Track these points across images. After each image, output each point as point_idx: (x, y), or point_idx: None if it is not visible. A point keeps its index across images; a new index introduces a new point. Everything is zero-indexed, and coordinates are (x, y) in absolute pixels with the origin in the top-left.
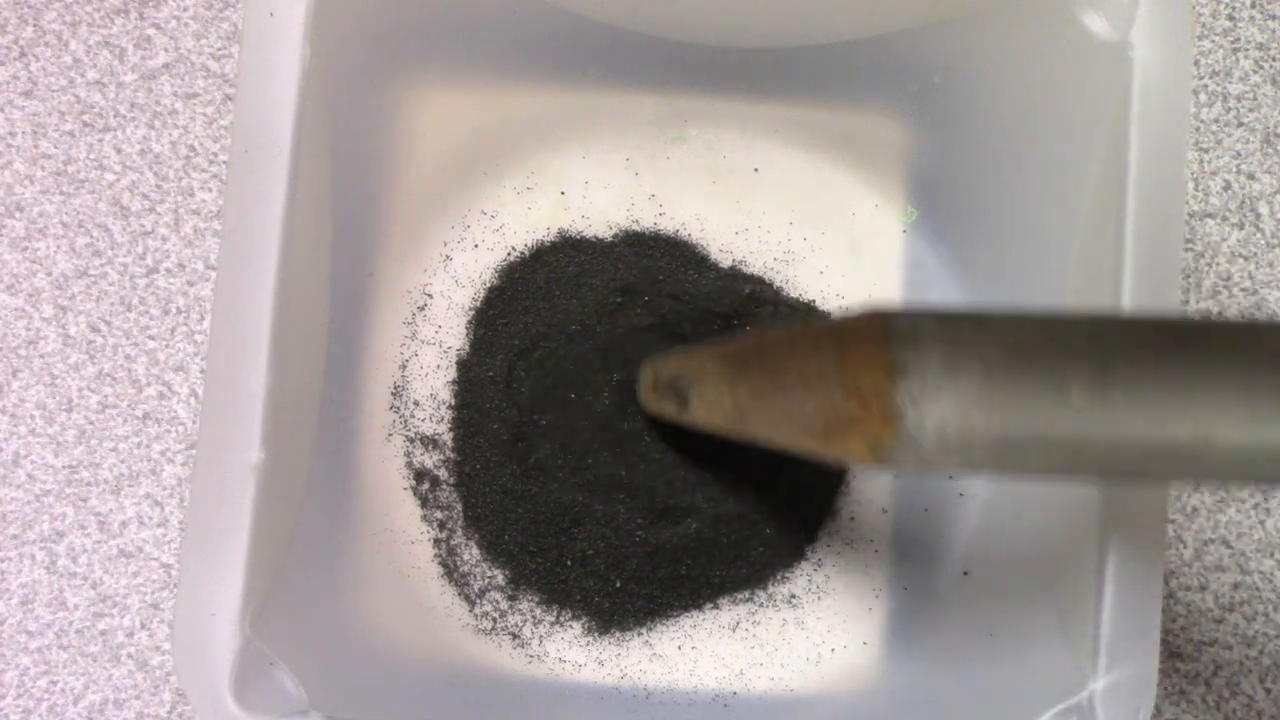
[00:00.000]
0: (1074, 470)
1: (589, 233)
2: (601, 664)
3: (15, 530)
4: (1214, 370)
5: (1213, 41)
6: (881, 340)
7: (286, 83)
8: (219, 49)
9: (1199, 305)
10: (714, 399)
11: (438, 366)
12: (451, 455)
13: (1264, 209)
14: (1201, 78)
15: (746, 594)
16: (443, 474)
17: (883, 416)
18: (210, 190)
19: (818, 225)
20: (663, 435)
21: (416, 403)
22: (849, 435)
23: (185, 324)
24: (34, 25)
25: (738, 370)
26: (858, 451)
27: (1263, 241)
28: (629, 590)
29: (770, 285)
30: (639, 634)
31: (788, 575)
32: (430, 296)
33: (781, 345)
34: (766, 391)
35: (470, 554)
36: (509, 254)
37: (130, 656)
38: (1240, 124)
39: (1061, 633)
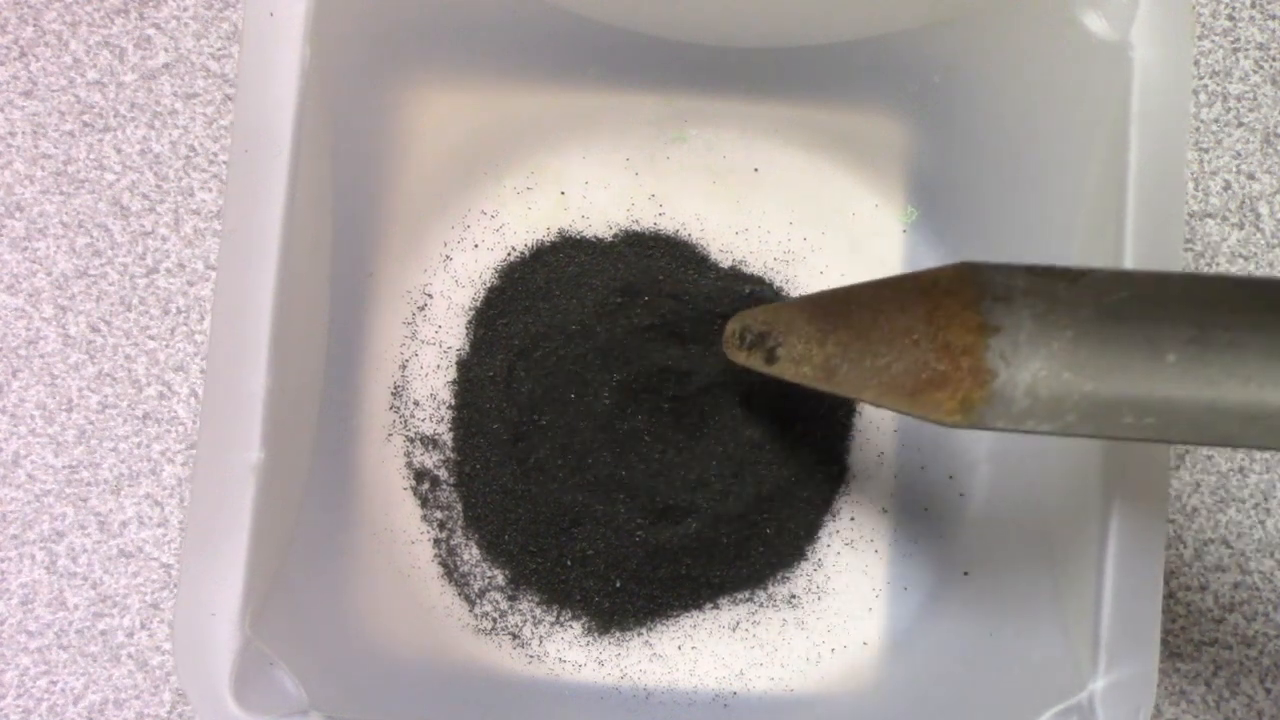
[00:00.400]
0: (1167, 434)
1: (589, 233)
2: (601, 664)
3: (15, 530)
4: None
5: (1213, 41)
6: (973, 296)
7: (286, 83)
8: (219, 49)
9: None
10: (802, 353)
11: (438, 366)
12: (451, 455)
13: (1264, 209)
14: (1201, 78)
15: (746, 594)
16: (443, 474)
17: (974, 374)
18: (210, 190)
19: (818, 225)
20: (669, 429)
21: (416, 403)
22: (939, 393)
23: (185, 324)
24: (34, 25)
25: (827, 325)
26: (948, 410)
27: (1263, 241)
28: (629, 590)
29: (770, 285)
30: (639, 634)
31: (788, 575)
32: (430, 296)
33: (871, 300)
34: (855, 347)
35: (470, 554)
36: (509, 254)
37: (130, 656)
38: (1240, 124)
39: (1062, 633)
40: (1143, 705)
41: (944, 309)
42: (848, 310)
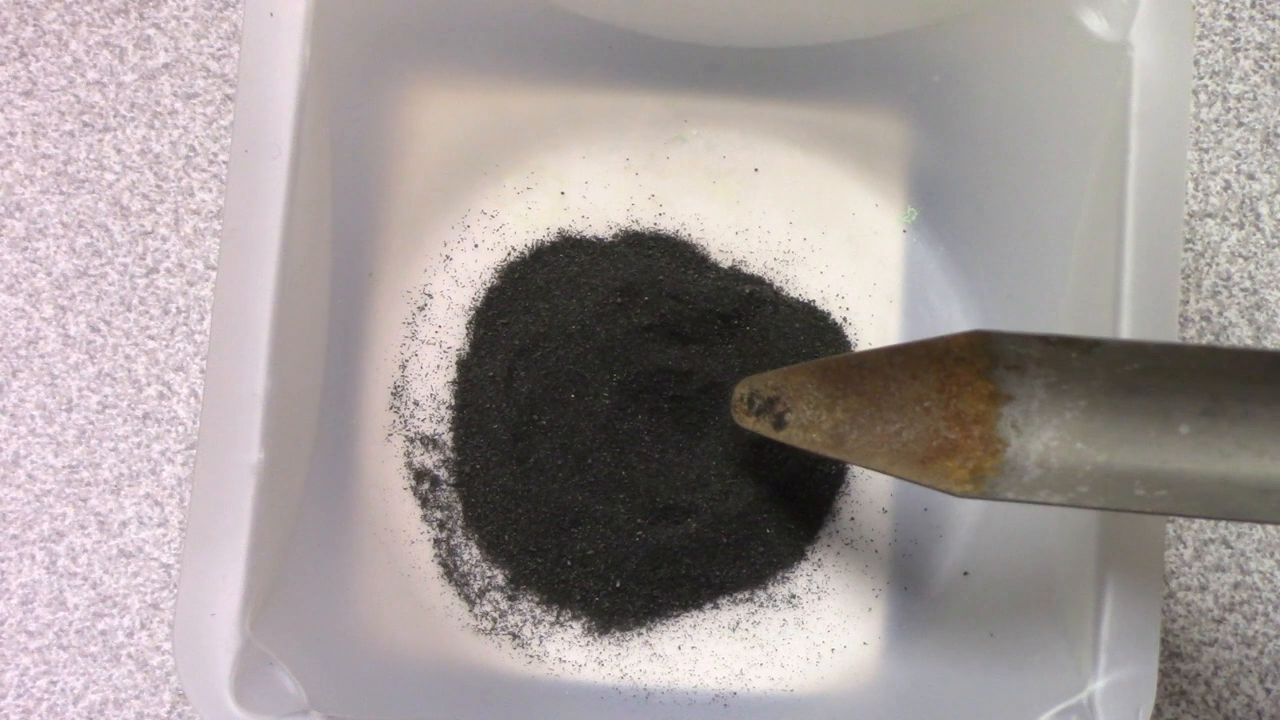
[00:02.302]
0: (1179, 507)
1: (589, 233)
2: (601, 664)
3: (15, 530)
4: None
5: (1213, 41)
6: (985, 364)
7: (286, 83)
8: (219, 49)
9: (1199, 305)
10: (811, 419)
11: (438, 366)
12: (451, 455)
13: (1264, 209)
14: (1201, 78)
15: (746, 594)
16: (443, 474)
17: (985, 443)
18: (210, 190)
19: (818, 225)
20: (669, 429)
21: (416, 403)
22: (949, 462)
23: (185, 324)
24: (34, 25)
25: (837, 390)
26: (958, 479)
27: (1263, 241)
28: (629, 590)
29: (770, 285)
30: (639, 634)
31: (788, 575)
32: (430, 296)
33: (882, 366)
34: (865, 414)
35: (470, 554)
36: (509, 254)
37: (130, 656)
38: (1240, 124)
39: (1061, 632)
40: (1143, 705)
41: (956, 377)
42: (859, 376)
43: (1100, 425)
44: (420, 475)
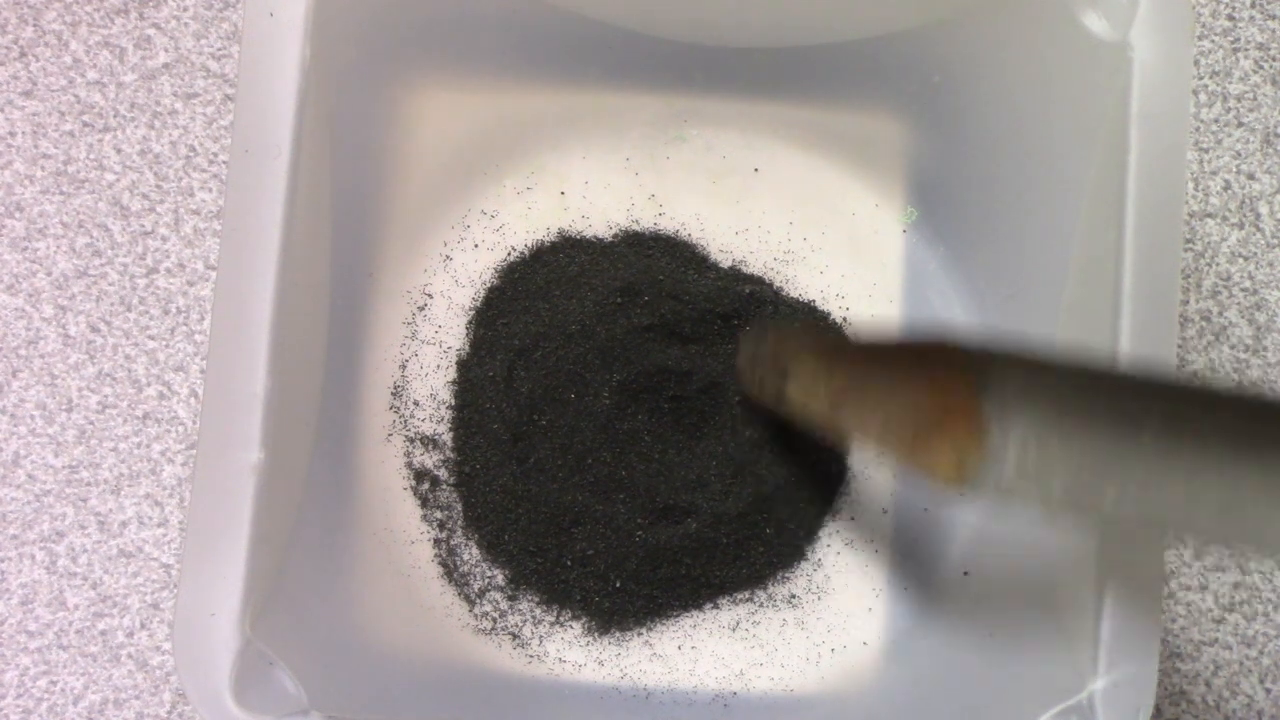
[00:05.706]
0: (1149, 515)
1: (589, 233)
2: (601, 664)
3: (15, 530)
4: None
5: (1213, 41)
6: (965, 358)
7: (286, 83)
8: (219, 49)
9: (1199, 305)
10: (810, 384)
11: (438, 366)
12: (451, 455)
13: (1264, 209)
14: (1201, 78)
15: (746, 594)
16: (443, 474)
17: (968, 425)
18: (210, 190)
19: (818, 225)
20: (669, 429)
21: (416, 403)
22: (935, 442)
23: (185, 324)
24: (34, 25)
25: (833, 359)
26: (944, 462)
27: (1263, 241)
28: (629, 590)
29: (770, 285)
30: (639, 634)
31: (788, 575)
32: (430, 296)
33: (873, 348)
34: (859, 385)
35: (470, 554)
36: (509, 254)
37: (130, 656)
38: (1240, 124)
39: (1061, 633)
40: (1143, 705)
41: (940, 366)
42: (852, 351)
43: (1072, 424)
44: (420, 475)
